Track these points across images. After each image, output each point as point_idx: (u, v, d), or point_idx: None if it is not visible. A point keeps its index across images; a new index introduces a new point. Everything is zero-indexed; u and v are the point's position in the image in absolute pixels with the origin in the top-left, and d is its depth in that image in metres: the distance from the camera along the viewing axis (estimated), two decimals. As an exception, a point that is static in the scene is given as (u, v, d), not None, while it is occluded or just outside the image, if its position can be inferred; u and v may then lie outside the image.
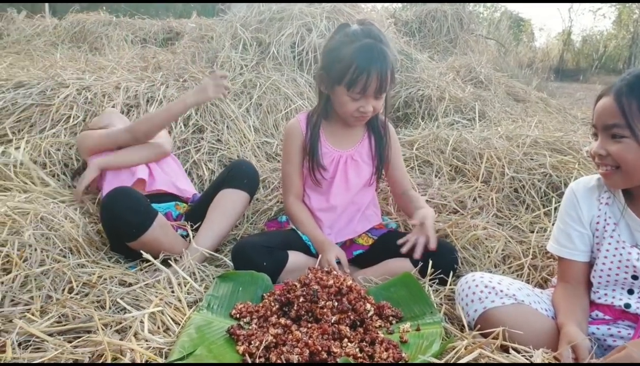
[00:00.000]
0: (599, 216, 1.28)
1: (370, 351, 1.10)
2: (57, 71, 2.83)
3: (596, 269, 1.28)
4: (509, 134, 2.49)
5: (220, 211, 1.79)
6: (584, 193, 1.31)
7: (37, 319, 1.26)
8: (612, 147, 1.16)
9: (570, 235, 1.31)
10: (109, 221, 1.67)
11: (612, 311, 1.26)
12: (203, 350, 1.10)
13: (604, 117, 1.17)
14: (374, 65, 1.57)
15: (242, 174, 1.86)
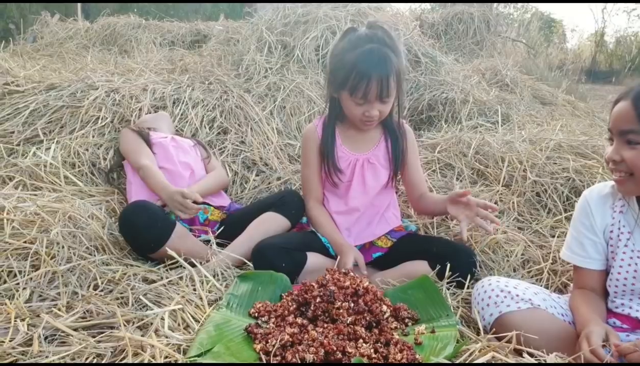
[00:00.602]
0: (613, 225, 1.26)
1: (385, 352, 1.11)
2: (87, 73, 2.90)
3: (612, 279, 1.26)
4: (533, 138, 2.47)
5: (263, 229, 1.80)
6: (597, 201, 1.29)
7: (63, 314, 1.30)
8: (626, 153, 1.14)
9: (583, 243, 1.30)
10: (127, 236, 1.71)
11: (630, 321, 1.24)
12: (221, 347, 1.13)
13: (620, 122, 1.15)
14: (373, 71, 1.58)
15: (293, 205, 1.88)
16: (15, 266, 1.45)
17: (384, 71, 1.59)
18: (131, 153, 2.09)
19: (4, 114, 2.49)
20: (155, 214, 1.71)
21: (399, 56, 1.65)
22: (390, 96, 1.65)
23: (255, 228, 1.80)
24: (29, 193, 1.89)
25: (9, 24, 7.91)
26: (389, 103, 1.68)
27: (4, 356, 1.12)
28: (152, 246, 1.68)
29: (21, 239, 1.53)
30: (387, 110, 1.70)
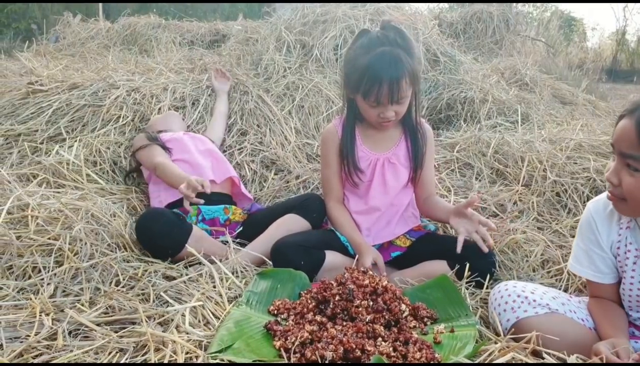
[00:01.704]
0: (619, 241, 1.24)
1: (404, 351, 1.12)
2: (108, 72, 2.94)
3: (624, 294, 1.25)
4: (553, 138, 2.44)
5: (284, 230, 1.81)
6: (602, 216, 1.26)
7: (86, 309, 1.33)
8: (626, 178, 1.11)
9: (592, 258, 1.27)
10: (144, 243, 1.73)
11: None
12: (241, 344, 1.14)
13: (623, 143, 1.11)
14: (384, 75, 1.58)
15: (315, 208, 1.89)
16: (39, 262, 1.48)
17: (395, 74, 1.59)
18: (144, 157, 2.13)
19: (28, 113, 2.54)
20: (171, 222, 1.72)
21: (412, 57, 1.65)
22: (403, 97, 1.64)
23: (276, 228, 1.81)
24: (53, 191, 1.93)
25: (32, 25, 8.07)
26: (404, 104, 1.68)
27: (29, 350, 1.14)
28: (169, 253, 1.70)
29: (45, 236, 1.56)
30: (403, 110, 1.70)
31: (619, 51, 14.63)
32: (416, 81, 1.68)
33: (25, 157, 2.29)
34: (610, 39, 16.14)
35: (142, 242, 1.73)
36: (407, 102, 1.69)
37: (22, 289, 1.42)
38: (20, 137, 2.41)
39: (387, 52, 1.61)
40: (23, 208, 1.66)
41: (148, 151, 2.12)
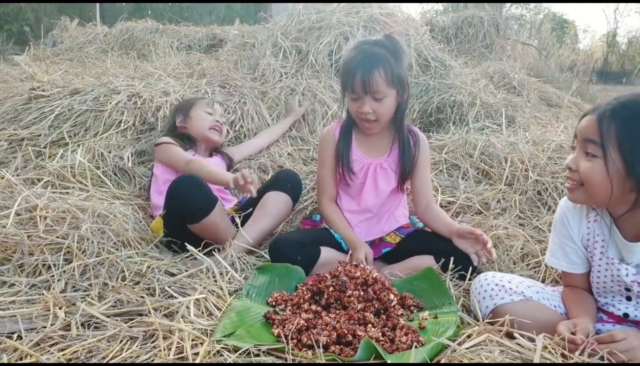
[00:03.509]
0: (589, 234, 1.35)
1: (391, 336, 1.23)
2: (109, 78, 3.02)
3: (593, 281, 1.37)
4: (536, 139, 2.56)
5: (264, 211, 1.95)
6: (573, 211, 1.37)
7: (96, 303, 1.42)
8: (583, 163, 1.22)
9: (565, 251, 1.39)
10: (175, 203, 1.81)
11: (614, 317, 1.35)
12: (242, 331, 1.24)
13: (585, 132, 1.23)
14: (359, 64, 1.71)
15: (287, 180, 2.02)
16: (49, 260, 1.56)
17: (368, 65, 1.70)
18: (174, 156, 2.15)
19: (31, 118, 2.61)
20: (203, 185, 1.83)
21: (397, 60, 1.75)
22: (378, 91, 1.73)
23: (257, 211, 1.95)
24: (59, 193, 2.01)
25: (24, 27, 8.09)
26: (383, 102, 1.75)
27: (45, 340, 1.23)
28: (198, 214, 1.80)
29: (54, 235, 1.64)
30: (382, 110, 1.77)
31: (610, 53, 14.80)
32: (399, 83, 1.76)
33: (30, 162, 2.36)
34: (601, 41, 16.32)
35: (174, 200, 1.82)
36: (387, 102, 1.76)
37: (34, 286, 1.50)
38: (23, 142, 2.49)
39: (368, 48, 1.74)
40: (31, 209, 1.74)
41: (178, 148, 2.18)
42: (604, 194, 1.21)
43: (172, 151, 2.17)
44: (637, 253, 1.25)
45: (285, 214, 2.04)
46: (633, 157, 1.15)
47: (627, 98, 1.20)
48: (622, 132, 1.16)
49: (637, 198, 1.18)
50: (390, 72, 1.73)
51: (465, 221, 2.03)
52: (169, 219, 1.87)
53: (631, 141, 1.15)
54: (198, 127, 2.33)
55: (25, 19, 8.39)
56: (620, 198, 1.21)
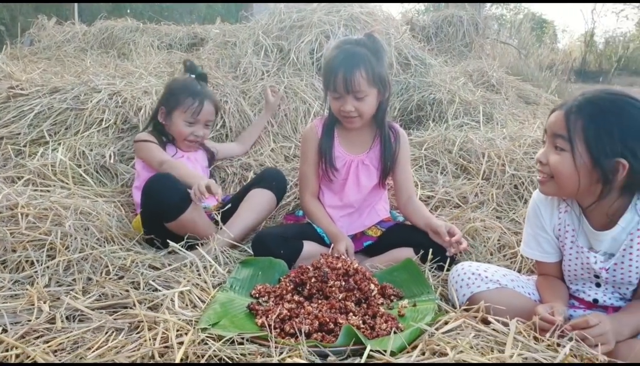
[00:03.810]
0: (560, 224, 1.41)
1: (372, 323, 1.26)
2: (89, 76, 3.01)
3: (564, 269, 1.43)
4: (513, 135, 2.63)
5: (248, 207, 1.97)
6: (545, 203, 1.43)
7: (80, 297, 1.43)
8: (552, 157, 1.28)
9: (539, 241, 1.45)
10: (151, 201, 1.82)
11: (585, 303, 1.41)
12: (226, 321, 1.27)
13: (553, 127, 1.29)
14: (341, 64, 1.74)
15: (272, 177, 2.05)
16: (32, 256, 1.56)
17: (350, 64, 1.74)
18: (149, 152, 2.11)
19: (10, 117, 2.59)
20: (177, 184, 1.84)
21: (378, 59, 1.79)
22: (360, 91, 1.76)
23: (241, 207, 1.97)
24: (40, 191, 2.01)
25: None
26: (364, 101, 1.79)
27: (30, 332, 1.24)
28: (174, 211, 1.81)
29: (36, 232, 1.65)
30: (364, 108, 1.81)
31: (588, 52, 15.08)
32: (380, 83, 1.80)
33: (9, 160, 2.35)
34: (579, 41, 16.61)
35: (150, 199, 1.82)
36: (368, 100, 1.80)
37: (17, 282, 1.50)
38: (2, 141, 2.47)
39: (349, 48, 1.78)
40: (12, 207, 1.74)
41: (155, 147, 2.12)
42: (572, 186, 1.26)
43: (147, 150, 2.12)
44: (604, 241, 1.31)
45: (268, 211, 2.06)
46: (598, 150, 1.20)
47: (592, 94, 1.26)
48: (588, 127, 1.21)
49: (603, 189, 1.23)
50: (371, 72, 1.76)
51: (444, 214, 2.08)
52: (146, 217, 1.88)
53: (596, 135, 1.21)
54: (174, 132, 2.23)
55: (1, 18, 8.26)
56: (588, 189, 1.26)
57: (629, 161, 1.18)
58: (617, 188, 1.25)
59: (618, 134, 1.19)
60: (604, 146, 1.20)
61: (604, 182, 1.22)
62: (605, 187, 1.23)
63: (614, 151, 1.19)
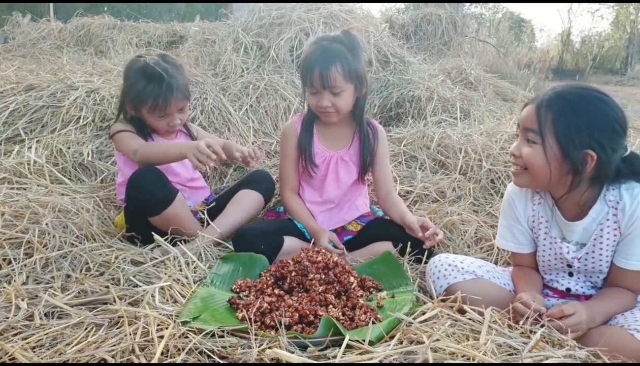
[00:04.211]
0: (534, 215, 1.45)
1: (351, 315, 1.28)
2: (66, 74, 2.98)
3: (539, 260, 1.47)
4: (490, 131, 2.68)
5: (237, 206, 1.96)
6: (519, 195, 1.47)
7: (59, 294, 1.42)
8: (525, 149, 1.32)
9: (513, 233, 1.49)
10: (136, 195, 1.81)
11: (558, 292, 1.45)
12: (207, 315, 1.27)
13: (525, 121, 1.33)
14: (316, 60, 1.77)
15: (261, 179, 2.04)
16: (10, 254, 1.55)
17: (325, 60, 1.76)
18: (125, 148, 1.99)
19: (-17, 115, 2.55)
20: (163, 177, 1.83)
21: (354, 55, 1.81)
22: (335, 86, 1.78)
23: (230, 206, 1.96)
24: (16, 189, 1.99)
25: (-28, 23, 7.80)
26: (341, 96, 1.81)
27: (8, 330, 1.23)
28: (159, 205, 1.80)
29: (13, 230, 1.63)
30: (341, 104, 1.82)
31: (565, 51, 15.35)
32: (357, 79, 1.82)
33: (-16, 159, 2.32)
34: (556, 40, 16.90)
35: (135, 192, 1.81)
36: (344, 96, 1.82)
37: (-6, 280, 1.50)
38: (-23, 139, 2.43)
39: (326, 44, 1.80)
40: (-13, 205, 1.73)
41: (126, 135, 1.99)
42: (544, 177, 1.30)
43: (121, 142, 2.00)
44: (576, 231, 1.36)
45: (256, 212, 2.06)
46: (567, 143, 1.25)
47: (561, 89, 1.31)
48: (557, 120, 1.26)
49: (573, 180, 1.28)
50: (347, 68, 1.78)
51: (423, 208, 2.12)
52: (130, 211, 1.87)
53: (565, 127, 1.25)
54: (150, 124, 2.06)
55: (-27, 15, 8.10)
56: (559, 180, 1.30)
57: (596, 153, 1.23)
58: (587, 179, 1.29)
59: (586, 126, 1.23)
60: (572, 139, 1.24)
61: (574, 173, 1.26)
62: (575, 178, 1.27)
63: (583, 143, 1.23)
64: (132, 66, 2.01)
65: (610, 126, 1.24)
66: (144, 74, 1.94)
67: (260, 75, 3.34)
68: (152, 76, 1.93)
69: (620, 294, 1.31)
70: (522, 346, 1.03)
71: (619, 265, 1.32)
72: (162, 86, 1.91)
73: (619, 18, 16.52)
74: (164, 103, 1.94)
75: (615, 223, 1.30)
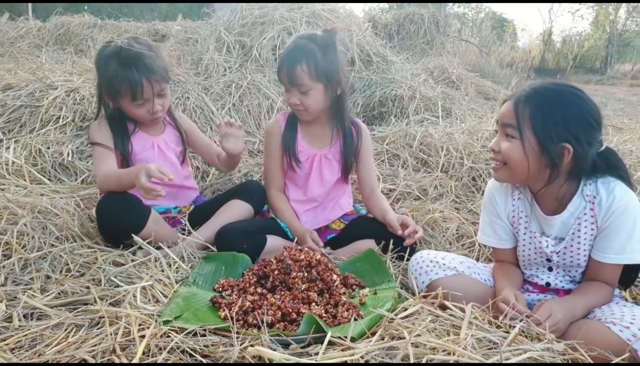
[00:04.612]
0: (514, 211, 1.47)
1: (334, 312, 1.29)
2: (45, 73, 2.94)
3: (519, 255, 1.50)
4: (471, 129, 2.71)
5: (227, 215, 1.89)
6: (499, 191, 1.49)
7: (38, 295, 1.40)
8: (504, 144, 1.34)
9: (494, 228, 1.51)
10: (105, 223, 1.75)
11: (538, 287, 1.47)
12: (189, 315, 1.26)
13: (504, 117, 1.35)
14: (285, 58, 1.80)
15: (255, 191, 1.99)
16: (-13, 256, 1.53)
17: (292, 58, 1.78)
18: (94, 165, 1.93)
19: (-40, 115, 2.51)
20: (132, 202, 1.76)
21: (325, 54, 1.79)
22: (301, 84, 1.79)
23: (220, 214, 1.89)
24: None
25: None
26: (309, 95, 1.81)
27: (-15, 332, 1.21)
28: (132, 231, 1.73)
29: (-10, 231, 1.61)
30: (309, 102, 1.82)
31: (546, 51, 15.56)
32: (326, 78, 1.80)
33: (-39, 159, 2.28)
34: (538, 40, 17.13)
35: (104, 224, 1.75)
36: (312, 94, 1.81)
37: (-29, 282, 1.47)
38: (-47, 139, 2.39)
39: (298, 42, 1.82)
40: (-35, 206, 1.70)
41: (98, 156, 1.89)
42: (523, 171, 1.32)
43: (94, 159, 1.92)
44: (554, 226, 1.38)
45: None
46: (544, 136, 1.27)
47: (538, 85, 1.33)
48: (535, 115, 1.28)
49: (551, 173, 1.30)
50: (314, 66, 1.77)
51: (405, 206, 2.13)
52: (104, 235, 1.81)
53: (542, 122, 1.27)
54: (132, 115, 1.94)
55: (-51, 14, 7.94)
56: (537, 174, 1.33)
57: (572, 146, 1.25)
58: (564, 173, 1.32)
59: (562, 120, 1.26)
60: (549, 132, 1.26)
61: (551, 166, 1.29)
62: (553, 171, 1.29)
63: (559, 136, 1.26)
64: (102, 52, 1.90)
65: (586, 120, 1.27)
66: (116, 58, 1.83)
67: (243, 74, 3.33)
68: (124, 59, 1.82)
69: (599, 288, 1.34)
70: (502, 340, 1.04)
71: (596, 259, 1.34)
72: (136, 67, 1.81)
73: (598, 18, 16.79)
74: (139, 87, 1.82)
75: (592, 217, 1.33)
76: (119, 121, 1.96)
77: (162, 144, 2.04)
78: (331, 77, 1.82)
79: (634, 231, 1.28)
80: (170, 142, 2.07)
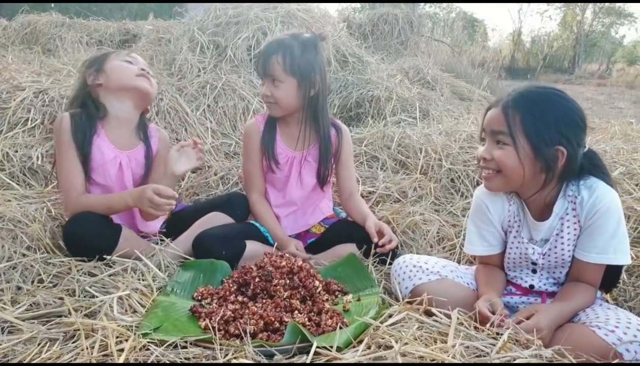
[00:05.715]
0: (509, 216, 1.46)
1: (318, 320, 1.27)
2: (11, 73, 2.85)
3: (505, 257, 1.49)
4: (448, 130, 2.72)
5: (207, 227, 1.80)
6: (492, 198, 1.47)
7: (9, 307, 1.35)
8: (496, 152, 1.33)
9: (484, 236, 1.49)
10: (74, 249, 1.66)
11: (521, 289, 1.47)
12: (168, 325, 1.23)
13: (492, 125, 1.33)
14: (263, 50, 1.83)
15: (239, 206, 1.93)
16: (-47, 267, 1.46)
17: (269, 50, 1.80)
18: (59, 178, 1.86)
19: None
20: (101, 222, 1.70)
21: (304, 51, 1.79)
22: (273, 75, 1.79)
23: (200, 225, 1.81)
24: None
25: None
26: (280, 88, 1.80)
27: (-47, 348, 1.16)
28: (104, 253, 1.64)
29: (-45, 240, 1.54)
30: (279, 95, 1.81)
31: (516, 50, 15.84)
32: (300, 74, 1.79)
33: None
34: (508, 40, 17.43)
35: (72, 247, 1.66)
36: (284, 88, 1.80)
37: None
38: None
39: (280, 36, 1.85)
40: None
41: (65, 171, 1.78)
42: (518, 177, 1.31)
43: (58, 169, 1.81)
44: (542, 231, 1.39)
45: None
46: (538, 140, 1.27)
47: (523, 89, 1.33)
48: (526, 119, 1.28)
49: (546, 177, 1.30)
50: (289, 60, 1.77)
51: (385, 209, 2.12)
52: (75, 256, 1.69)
53: (534, 125, 1.27)
54: (120, 78, 1.82)
55: None
56: (532, 180, 1.32)
57: (565, 148, 1.25)
58: (557, 176, 1.32)
59: (553, 123, 1.26)
60: (542, 136, 1.26)
61: (547, 170, 1.29)
62: (548, 175, 1.29)
63: (552, 139, 1.26)
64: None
65: (574, 121, 1.27)
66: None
67: (218, 75, 3.29)
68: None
69: (583, 291, 1.33)
70: (490, 347, 1.04)
71: (579, 258, 1.34)
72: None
73: (566, 19, 17.19)
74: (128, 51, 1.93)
75: (574, 217, 1.33)
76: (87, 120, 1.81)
77: (124, 162, 1.86)
78: (306, 75, 1.80)
79: (617, 232, 1.28)
80: (137, 163, 1.89)
